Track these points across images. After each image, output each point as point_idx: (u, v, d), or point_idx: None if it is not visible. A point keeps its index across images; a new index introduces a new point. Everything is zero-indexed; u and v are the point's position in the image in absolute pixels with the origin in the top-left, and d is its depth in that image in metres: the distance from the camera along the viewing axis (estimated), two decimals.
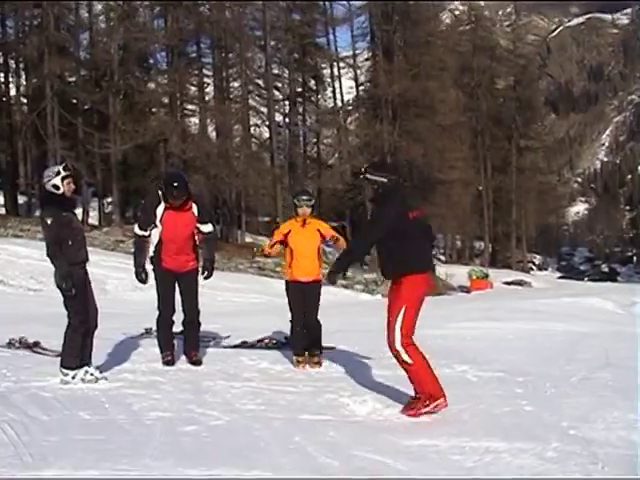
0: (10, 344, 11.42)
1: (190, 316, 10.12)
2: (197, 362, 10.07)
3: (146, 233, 9.77)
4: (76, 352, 8.74)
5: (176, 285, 9.95)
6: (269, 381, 9.10)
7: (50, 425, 6.96)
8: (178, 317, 10.13)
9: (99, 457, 5.93)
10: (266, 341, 11.96)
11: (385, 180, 7.57)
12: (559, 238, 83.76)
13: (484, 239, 72.76)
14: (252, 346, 11.75)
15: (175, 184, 9.49)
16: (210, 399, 8.09)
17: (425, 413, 7.41)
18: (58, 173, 8.57)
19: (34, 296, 24.55)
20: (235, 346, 11.83)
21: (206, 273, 10.01)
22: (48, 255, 8.59)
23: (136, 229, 9.91)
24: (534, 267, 78.07)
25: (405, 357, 7.46)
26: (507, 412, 7.65)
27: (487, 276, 50.58)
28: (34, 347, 11.02)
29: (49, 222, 8.54)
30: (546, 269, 79.99)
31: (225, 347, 11.84)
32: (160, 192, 9.68)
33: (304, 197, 10.39)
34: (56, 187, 8.55)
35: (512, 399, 8.20)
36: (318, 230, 10.37)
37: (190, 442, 6.44)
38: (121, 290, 26.63)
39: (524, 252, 75.89)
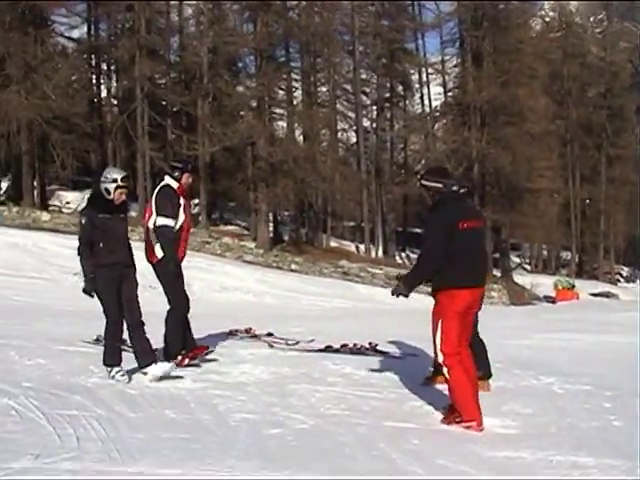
0: (97, 340, 11.56)
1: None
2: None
3: (180, 222, 9.78)
4: (112, 350, 8.89)
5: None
6: (353, 386, 9.05)
7: (136, 422, 7.06)
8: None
9: (184, 456, 5.99)
10: (350, 346, 11.90)
11: (440, 186, 7.45)
12: None
13: (571, 249, 71.71)
14: (337, 351, 11.70)
15: (190, 161, 9.56)
16: (295, 402, 8.10)
17: (456, 427, 7.36)
18: (114, 181, 8.65)
19: None
20: (319, 350, 11.81)
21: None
22: (78, 254, 8.77)
23: (168, 222, 9.66)
24: (621, 279, 76.45)
25: (445, 373, 7.41)
26: (595, 427, 7.50)
27: (573, 287, 49.85)
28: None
29: (83, 222, 8.74)
30: (634, 281, 78.25)
31: (309, 351, 11.82)
32: (173, 176, 9.78)
33: None
34: (107, 192, 8.66)
35: (600, 414, 8.04)
36: None
37: (275, 445, 6.47)
38: (207, 291, 26.86)
39: (612, 263, 74.46)
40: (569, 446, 6.74)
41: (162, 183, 9.93)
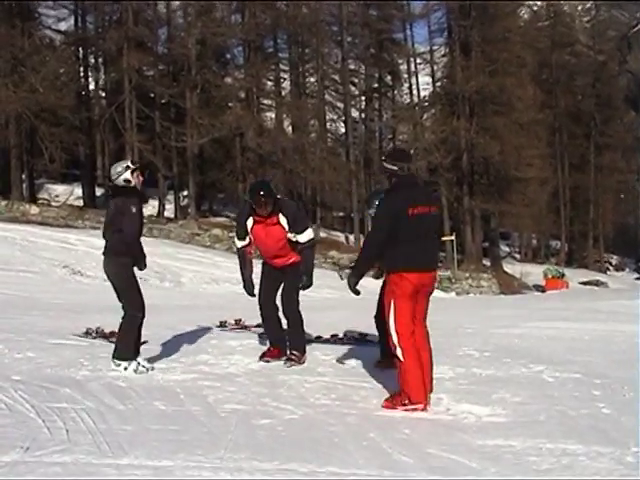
0: (87, 334, 11.61)
1: (286, 314, 9.91)
2: (290, 360, 9.72)
3: (246, 242, 9.74)
4: (132, 344, 8.95)
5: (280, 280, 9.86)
6: (343, 376, 9.05)
7: (126, 414, 7.05)
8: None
9: (174, 447, 5.98)
10: (340, 336, 11.92)
11: (396, 169, 7.59)
12: (637, 238, 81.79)
13: (560, 238, 71.82)
14: (327, 341, 11.72)
15: (260, 191, 9.35)
16: (284, 393, 8.10)
17: (400, 410, 7.48)
18: (127, 167, 8.84)
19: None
20: (309, 340, 11.80)
21: (301, 285, 9.62)
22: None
23: (236, 241, 9.92)
24: (611, 267, 76.54)
25: (398, 354, 7.53)
26: (584, 414, 7.50)
27: (563, 275, 50.02)
28: (110, 337, 11.13)
29: (134, 210, 8.80)
30: (623, 270, 78.36)
31: None
32: (249, 203, 9.54)
33: None
34: (127, 181, 8.82)
35: (589, 401, 8.04)
36: None
37: (265, 435, 6.47)
38: (196, 283, 26.80)
39: (601, 252, 74.58)
40: (559, 434, 6.74)
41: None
